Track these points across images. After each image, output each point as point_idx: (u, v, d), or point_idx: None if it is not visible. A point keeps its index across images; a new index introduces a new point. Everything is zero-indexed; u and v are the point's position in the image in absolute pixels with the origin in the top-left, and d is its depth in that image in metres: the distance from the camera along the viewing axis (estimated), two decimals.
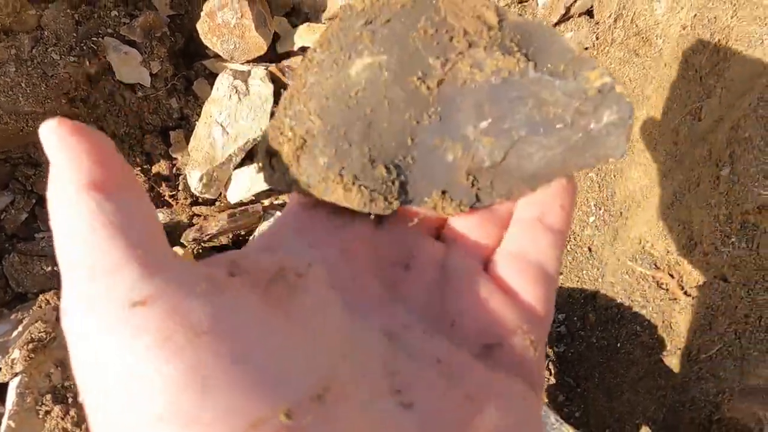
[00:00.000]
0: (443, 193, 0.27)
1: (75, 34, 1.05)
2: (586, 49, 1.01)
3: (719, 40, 0.83)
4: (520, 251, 0.27)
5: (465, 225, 0.29)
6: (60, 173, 0.19)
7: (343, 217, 0.27)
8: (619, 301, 0.93)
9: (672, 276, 0.90)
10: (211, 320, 0.18)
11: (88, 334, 0.17)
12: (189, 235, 1.03)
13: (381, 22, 0.27)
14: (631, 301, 0.92)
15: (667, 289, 0.88)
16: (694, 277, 0.85)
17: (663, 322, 0.87)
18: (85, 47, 1.05)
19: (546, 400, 0.86)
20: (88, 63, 1.05)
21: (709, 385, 0.72)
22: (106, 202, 0.19)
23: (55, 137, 0.19)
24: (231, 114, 1.06)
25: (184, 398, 0.16)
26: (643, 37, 0.94)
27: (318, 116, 0.27)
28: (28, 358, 0.83)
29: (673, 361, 0.81)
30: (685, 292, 0.86)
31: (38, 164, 1.08)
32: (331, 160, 0.27)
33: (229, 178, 1.08)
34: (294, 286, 0.22)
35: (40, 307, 0.95)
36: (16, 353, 0.83)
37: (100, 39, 1.06)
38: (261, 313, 0.19)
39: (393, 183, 0.27)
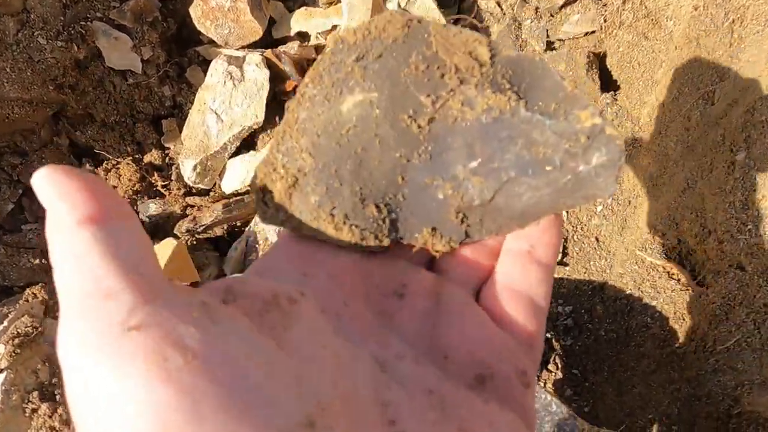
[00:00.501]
0: (433, 230, 0.28)
1: (62, 18, 1.01)
2: (593, 32, 0.98)
3: (733, 20, 0.80)
4: (511, 283, 0.28)
5: (456, 256, 0.30)
6: (56, 213, 0.20)
7: (334, 247, 0.28)
8: (628, 292, 0.90)
9: (684, 266, 0.87)
10: (204, 346, 0.18)
11: (84, 359, 0.18)
12: (182, 226, 0.99)
13: (372, 57, 0.27)
14: (641, 292, 0.89)
15: (679, 280, 0.85)
16: (707, 266, 0.82)
17: (675, 313, 0.84)
18: (73, 31, 1.01)
19: (555, 395, 0.83)
20: (76, 48, 1.01)
21: (726, 378, 0.69)
22: (102, 233, 0.20)
23: (47, 182, 0.20)
24: (225, 101, 1.02)
25: (176, 422, 0.17)
26: (652, 19, 0.91)
27: (309, 154, 0.27)
28: (13, 354, 0.79)
29: (686, 353, 0.78)
30: (698, 282, 0.83)
31: (24, 153, 1.04)
32: (322, 198, 0.27)
33: (224, 168, 1.04)
34: (287, 313, 0.22)
35: (27, 300, 0.91)
36: (1, 348, 0.79)
37: (88, 23, 1.02)
38: (254, 340, 0.20)
39: (384, 221, 0.27)
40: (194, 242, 1.02)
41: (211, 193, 1.06)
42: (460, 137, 0.27)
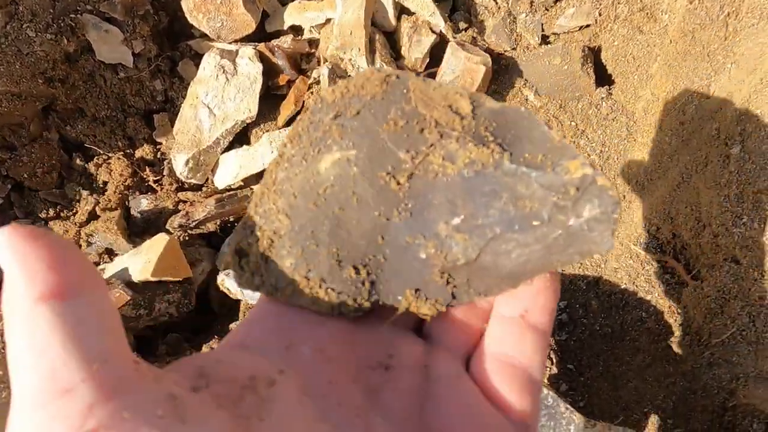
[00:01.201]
0: (417, 291, 0.26)
1: (52, 10, 0.99)
2: (588, 26, 0.97)
3: (728, 14, 0.80)
4: (504, 354, 0.26)
5: (446, 319, 0.28)
6: (14, 285, 0.18)
7: (317, 315, 0.27)
8: (623, 286, 0.90)
9: (678, 260, 0.87)
10: None
11: None
12: (174, 222, 0.98)
13: (350, 115, 0.27)
14: (636, 286, 0.89)
15: (674, 274, 0.85)
16: (702, 260, 0.82)
17: (670, 307, 0.84)
18: (62, 24, 0.99)
19: (552, 389, 0.83)
20: (66, 41, 1.00)
21: (721, 371, 0.69)
22: (62, 312, 0.18)
23: (7, 247, 0.18)
24: (218, 95, 1.01)
25: None
26: (647, 13, 0.90)
27: (286, 215, 0.27)
28: (2, 351, 0.78)
29: (681, 347, 0.78)
30: (693, 276, 0.83)
31: (13, 148, 1.02)
32: (297, 261, 0.26)
33: (217, 162, 1.03)
34: (264, 399, 0.21)
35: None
36: None
37: (78, 16, 1.01)
38: None
39: (363, 284, 0.26)
40: (186, 238, 1.01)
41: (204, 188, 1.05)
42: (442, 193, 0.25)
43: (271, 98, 1.05)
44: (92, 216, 1.03)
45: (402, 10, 1.02)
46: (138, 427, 0.17)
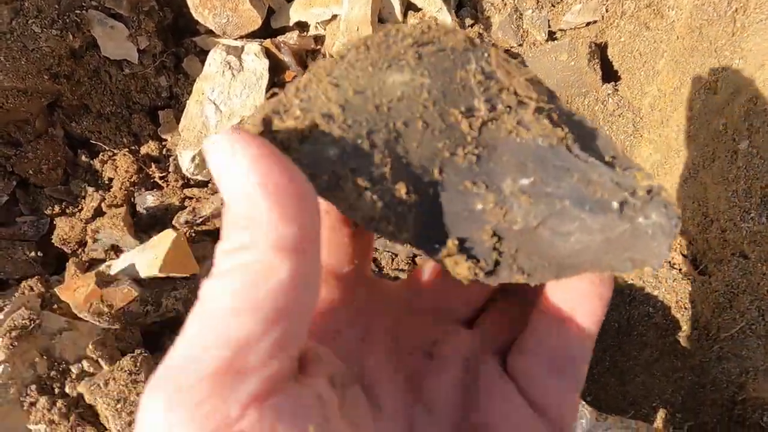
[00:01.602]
0: (461, 243, 0.24)
1: (57, 6, 0.99)
2: (595, 22, 0.97)
3: (736, 9, 0.80)
4: (547, 351, 0.25)
5: (492, 311, 0.27)
6: (259, 220, 0.16)
7: (368, 302, 0.25)
8: (629, 282, 0.90)
9: (685, 255, 0.87)
10: None
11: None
12: (181, 218, 0.98)
13: (430, 50, 0.25)
14: (643, 282, 0.89)
15: (681, 269, 0.86)
16: (709, 255, 0.82)
17: (677, 302, 0.84)
18: (68, 20, 0.99)
19: None
20: (71, 37, 0.99)
21: (731, 365, 0.70)
22: (293, 281, 0.16)
23: (254, 166, 0.16)
24: (224, 91, 1.01)
25: None
26: (654, 9, 0.91)
27: (340, 106, 0.23)
28: (10, 347, 0.78)
29: (689, 341, 0.79)
30: (700, 272, 0.83)
31: (18, 144, 1.02)
32: (344, 154, 0.23)
33: None
34: (349, 403, 0.20)
35: (24, 293, 0.90)
36: None
37: (84, 11, 1.01)
38: None
39: (410, 210, 0.23)
40: (193, 234, 1.01)
41: (210, 185, 1.05)
42: (513, 152, 0.24)
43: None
44: (98, 212, 1.03)
45: (409, 6, 1.02)
46: None
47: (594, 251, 0.23)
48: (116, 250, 1.00)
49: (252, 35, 1.06)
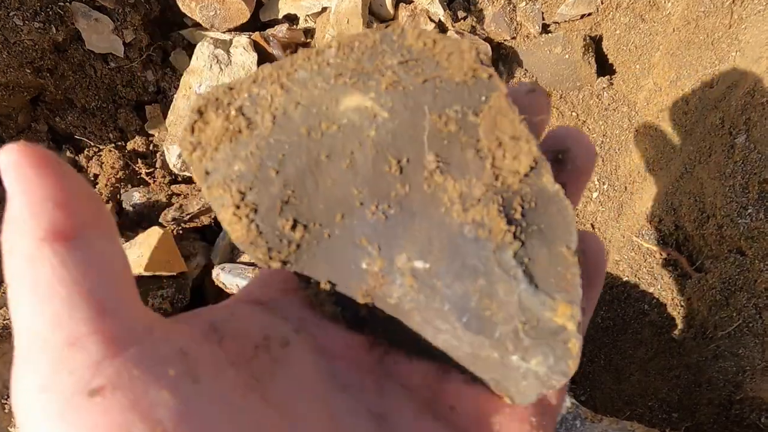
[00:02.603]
0: (333, 287, 0.23)
1: None
2: (589, 15, 0.96)
3: (733, 1, 0.79)
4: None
5: None
6: (18, 219, 0.17)
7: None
8: (624, 279, 0.89)
9: (681, 251, 0.86)
10: (177, 419, 0.15)
11: (38, 419, 0.15)
12: (168, 215, 0.96)
13: (415, 75, 0.22)
14: (638, 279, 0.88)
15: (676, 266, 0.84)
16: (705, 251, 0.81)
17: (672, 299, 0.82)
18: (51, 12, 0.96)
19: None
20: (54, 30, 0.97)
21: (728, 364, 0.68)
22: (71, 256, 0.16)
23: (13, 172, 0.16)
24: (212, 85, 0.99)
25: None
26: (650, 1, 0.89)
27: (273, 117, 0.22)
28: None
29: (685, 339, 0.77)
30: (696, 268, 0.82)
31: (1, 139, 0.99)
32: (245, 173, 0.22)
33: None
34: (276, 360, 0.20)
35: (5, 293, 0.88)
36: None
37: (67, 3, 0.98)
38: (237, 403, 0.17)
39: (289, 244, 0.22)
40: (180, 231, 0.98)
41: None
42: (430, 228, 0.22)
43: None
44: None
45: None
46: (148, 387, 0.16)
47: (462, 358, 0.22)
48: None
49: (240, 28, 1.04)
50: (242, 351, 0.19)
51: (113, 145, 1.04)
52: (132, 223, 1.01)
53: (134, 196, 1.00)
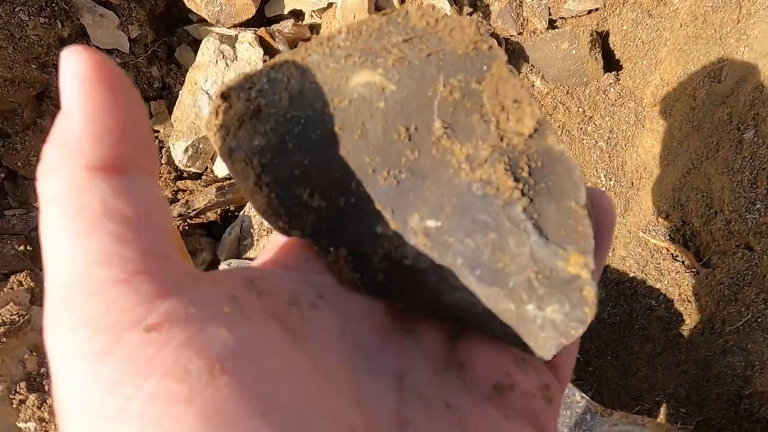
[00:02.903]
0: (351, 253, 0.24)
1: None
2: (596, 10, 0.95)
3: None
4: None
5: None
6: (73, 140, 0.15)
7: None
8: (631, 275, 0.89)
9: (688, 247, 0.86)
10: (234, 356, 0.15)
11: (84, 366, 0.14)
12: (174, 211, 0.96)
13: (419, 51, 0.23)
14: (645, 274, 0.87)
15: (683, 261, 0.84)
16: (713, 247, 0.81)
17: (680, 295, 0.82)
18: (56, 8, 0.96)
19: None
20: (60, 25, 0.97)
21: (736, 359, 0.68)
22: (125, 192, 0.15)
23: (80, 86, 0.15)
24: (218, 81, 0.99)
25: None
26: None
27: (289, 96, 0.23)
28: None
29: (693, 335, 0.77)
30: (703, 264, 0.82)
31: (6, 135, 0.99)
32: (264, 147, 0.23)
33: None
34: (307, 320, 0.20)
35: (12, 288, 0.88)
36: None
37: None
38: (284, 349, 0.17)
39: (307, 214, 0.24)
40: (186, 227, 0.99)
41: (203, 177, 1.02)
42: (440, 188, 0.22)
43: None
44: None
45: None
46: (205, 324, 0.15)
47: (478, 315, 0.22)
48: None
49: (246, 24, 1.04)
50: (278, 306, 0.19)
51: None
52: None
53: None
